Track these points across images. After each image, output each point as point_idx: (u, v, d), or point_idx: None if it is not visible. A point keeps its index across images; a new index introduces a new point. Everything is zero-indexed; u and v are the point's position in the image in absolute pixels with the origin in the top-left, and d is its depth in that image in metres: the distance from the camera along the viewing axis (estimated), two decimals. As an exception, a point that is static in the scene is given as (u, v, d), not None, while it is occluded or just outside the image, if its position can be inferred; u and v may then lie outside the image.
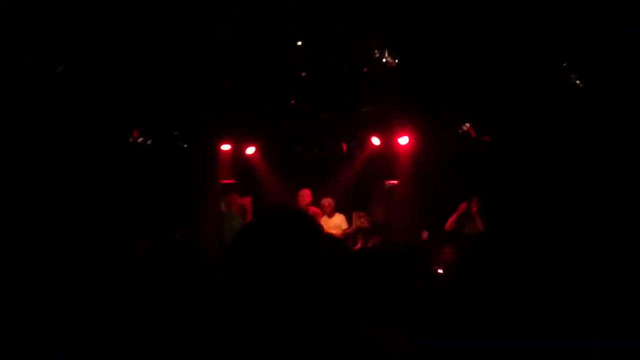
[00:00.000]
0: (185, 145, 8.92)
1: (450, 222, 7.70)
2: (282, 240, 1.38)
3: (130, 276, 2.92)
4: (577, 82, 6.45)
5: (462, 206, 7.59)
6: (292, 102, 6.62)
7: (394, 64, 5.83)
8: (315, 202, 8.35)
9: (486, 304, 1.76)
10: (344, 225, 8.10)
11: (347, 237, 7.66)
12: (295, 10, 5.24)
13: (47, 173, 6.81)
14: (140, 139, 8.68)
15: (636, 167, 6.36)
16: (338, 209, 8.26)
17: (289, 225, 1.42)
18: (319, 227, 1.51)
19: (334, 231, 7.48)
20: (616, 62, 5.93)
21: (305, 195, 8.17)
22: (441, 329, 1.93)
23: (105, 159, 7.85)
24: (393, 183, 8.57)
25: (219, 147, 9.15)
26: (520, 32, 5.61)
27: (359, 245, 7.14)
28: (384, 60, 5.81)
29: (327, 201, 8.20)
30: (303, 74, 6.07)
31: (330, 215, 8.07)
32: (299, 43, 5.64)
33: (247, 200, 8.11)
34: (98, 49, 5.77)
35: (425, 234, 7.69)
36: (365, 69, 6.09)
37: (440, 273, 2.98)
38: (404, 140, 8.51)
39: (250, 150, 9.19)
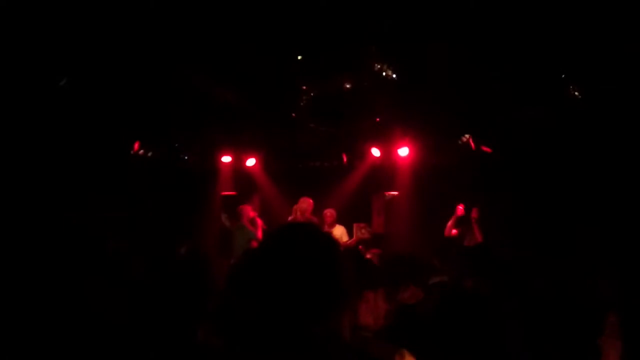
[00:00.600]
0: (186, 157, 8.95)
1: (448, 228, 7.73)
2: (301, 254, 1.42)
3: (135, 287, 2.93)
4: (576, 93, 6.49)
5: (458, 210, 7.63)
6: (293, 114, 6.66)
7: (393, 77, 5.88)
8: (316, 212, 8.37)
9: (483, 316, 1.78)
10: (345, 237, 8.10)
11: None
12: (296, 24, 5.29)
13: (46, 183, 6.83)
14: (141, 151, 8.71)
15: (634, 177, 6.39)
16: (338, 220, 8.27)
17: (307, 239, 1.45)
18: (334, 241, 1.54)
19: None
20: (614, 74, 5.98)
21: (306, 204, 8.14)
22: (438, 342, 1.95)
23: (106, 171, 7.89)
24: (393, 194, 8.58)
25: (220, 158, 9.17)
26: (519, 44, 5.65)
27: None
28: (383, 73, 5.85)
29: (329, 212, 8.22)
30: (304, 87, 6.12)
31: (331, 226, 8.07)
32: (300, 57, 5.69)
33: (254, 204, 8.10)
34: (100, 61, 5.82)
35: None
36: (365, 82, 6.13)
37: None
38: (403, 151, 8.53)
39: (251, 162, 9.21)
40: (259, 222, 7.99)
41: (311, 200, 8.06)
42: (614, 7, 5.05)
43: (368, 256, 6.58)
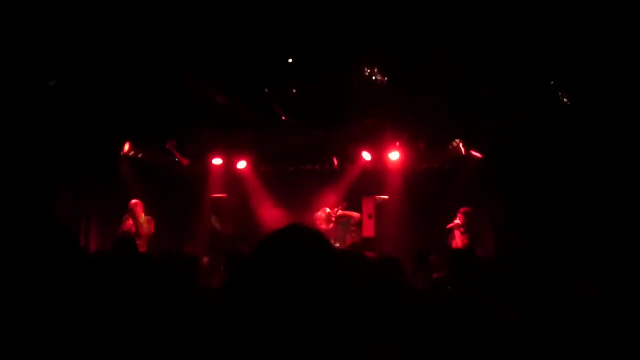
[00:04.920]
0: (177, 159, 8.94)
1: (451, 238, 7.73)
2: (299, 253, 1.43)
3: (122, 290, 2.92)
4: (565, 99, 6.54)
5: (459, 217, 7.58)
6: (283, 117, 6.67)
7: (383, 81, 5.91)
8: (309, 215, 8.37)
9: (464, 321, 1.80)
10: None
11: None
12: (287, 28, 5.31)
13: (35, 183, 6.80)
14: (131, 152, 8.70)
15: (624, 181, 6.44)
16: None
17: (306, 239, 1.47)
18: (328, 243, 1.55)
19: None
20: (603, 80, 6.04)
21: (133, 206, 7.59)
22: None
23: (96, 171, 7.88)
24: (383, 198, 8.60)
25: (211, 160, 9.16)
26: (509, 50, 5.69)
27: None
28: (373, 77, 5.88)
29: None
30: (294, 90, 6.14)
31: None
32: (290, 60, 5.71)
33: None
34: (91, 61, 5.81)
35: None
36: (355, 86, 6.15)
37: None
38: (394, 155, 8.56)
39: (242, 164, 9.21)
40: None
41: (140, 202, 7.65)
42: (603, 14, 5.10)
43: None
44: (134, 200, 7.62)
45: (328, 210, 8.18)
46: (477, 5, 5.08)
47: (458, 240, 7.39)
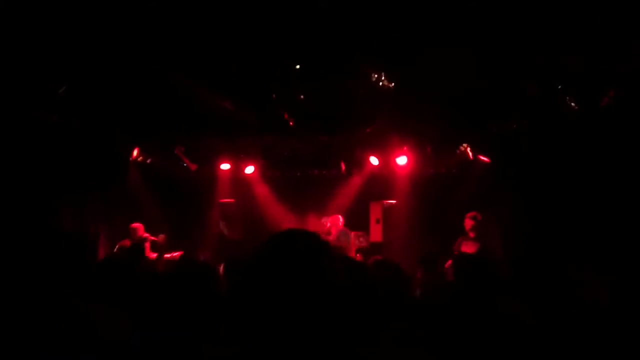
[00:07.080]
0: (185, 165, 8.98)
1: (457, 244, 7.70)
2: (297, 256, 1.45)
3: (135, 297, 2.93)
4: (572, 104, 6.53)
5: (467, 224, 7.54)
6: (291, 123, 6.70)
7: (390, 86, 5.93)
8: (316, 220, 8.39)
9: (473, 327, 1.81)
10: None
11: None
12: (294, 34, 5.34)
13: (44, 189, 6.85)
14: (140, 158, 8.76)
15: (632, 187, 6.41)
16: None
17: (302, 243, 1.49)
18: (328, 246, 1.56)
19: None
20: (609, 83, 6.03)
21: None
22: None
23: (105, 177, 7.93)
24: (391, 203, 8.60)
25: (219, 166, 9.21)
26: (516, 54, 5.69)
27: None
28: (380, 82, 5.90)
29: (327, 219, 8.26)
30: (302, 96, 6.17)
31: (328, 234, 8.08)
32: (298, 66, 5.74)
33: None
34: (100, 67, 5.86)
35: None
36: (362, 91, 6.17)
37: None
38: (402, 160, 8.57)
39: (250, 169, 9.25)
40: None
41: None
42: (612, 17, 5.09)
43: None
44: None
45: (340, 216, 8.21)
46: (483, 9, 5.09)
47: (467, 245, 7.37)
